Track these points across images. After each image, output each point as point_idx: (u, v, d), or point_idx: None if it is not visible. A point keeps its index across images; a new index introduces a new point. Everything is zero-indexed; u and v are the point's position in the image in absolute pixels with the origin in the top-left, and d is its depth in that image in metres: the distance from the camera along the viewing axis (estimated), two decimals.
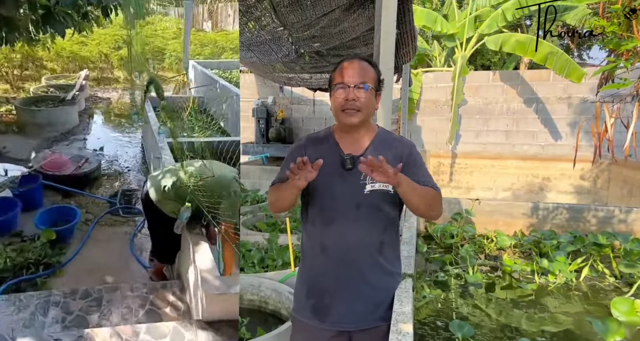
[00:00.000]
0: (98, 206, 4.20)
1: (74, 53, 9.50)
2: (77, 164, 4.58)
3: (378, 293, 1.50)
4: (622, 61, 2.01)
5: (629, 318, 2.50)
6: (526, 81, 7.59)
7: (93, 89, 8.69)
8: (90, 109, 7.22)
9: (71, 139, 5.67)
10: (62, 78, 8.43)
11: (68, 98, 6.00)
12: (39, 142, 5.30)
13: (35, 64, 8.79)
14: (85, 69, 9.06)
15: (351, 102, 1.40)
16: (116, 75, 10.41)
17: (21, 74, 8.27)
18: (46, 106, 6.09)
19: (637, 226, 3.92)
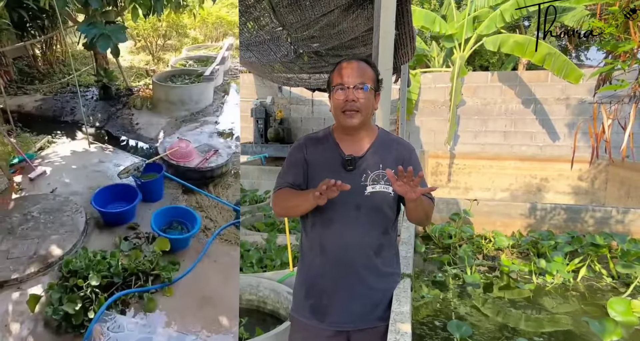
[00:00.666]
0: (220, 212, 3.36)
1: (220, 18, 8.38)
2: (204, 156, 3.94)
3: (376, 294, 1.50)
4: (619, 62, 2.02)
5: (625, 318, 2.51)
6: (524, 82, 7.62)
7: (234, 60, 7.41)
8: (228, 84, 6.34)
9: (201, 120, 5.01)
10: (203, 48, 7.66)
11: (206, 74, 5.34)
12: (168, 121, 4.89)
13: (179, 32, 7.93)
14: (230, 37, 7.99)
15: (351, 103, 1.40)
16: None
17: (163, 44, 7.57)
18: (182, 81, 5.54)
19: (634, 227, 3.93)
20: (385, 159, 1.46)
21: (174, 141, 4.04)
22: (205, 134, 4.53)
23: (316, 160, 1.49)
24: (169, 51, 7.65)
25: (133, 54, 7.28)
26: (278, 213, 1.55)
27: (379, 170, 1.44)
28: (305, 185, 1.50)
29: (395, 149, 1.50)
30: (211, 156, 3.92)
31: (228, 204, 3.44)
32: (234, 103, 5.89)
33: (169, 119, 4.90)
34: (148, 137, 4.51)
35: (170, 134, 4.50)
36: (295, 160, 1.52)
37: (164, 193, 3.46)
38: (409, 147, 1.55)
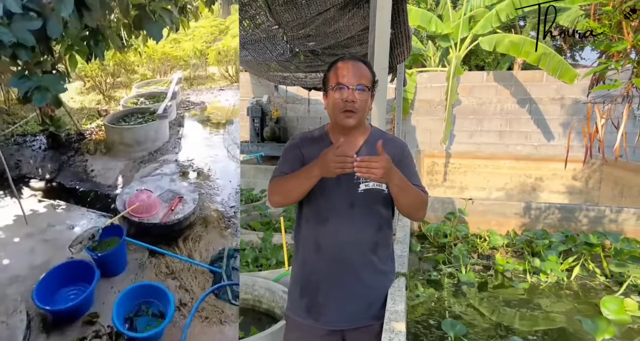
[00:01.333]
0: (196, 277, 2.74)
1: (166, 54, 8.38)
2: (169, 205, 3.39)
3: (371, 292, 1.51)
4: (612, 62, 2.04)
5: (618, 317, 2.53)
6: (520, 82, 7.65)
7: (185, 92, 7.54)
8: (182, 117, 6.18)
9: (161, 160, 4.60)
10: (153, 84, 7.58)
11: (159, 112, 5.13)
12: (126, 164, 4.47)
13: (127, 69, 7.90)
14: (178, 71, 8.07)
15: (350, 104, 1.40)
16: (210, 72, 8.94)
17: (113, 83, 7.49)
18: (135, 120, 5.32)
19: (627, 226, 3.97)
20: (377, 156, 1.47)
21: (133, 192, 3.50)
22: (167, 177, 4.05)
23: (311, 159, 1.49)
24: (119, 88, 7.52)
25: (83, 94, 7.11)
26: (275, 202, 1.49)
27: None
28: None
29: (388, 147, 1.50)
30: (176, 205, 3.42)
31: (203, 265, 2.80)
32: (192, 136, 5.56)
33: (126, 162, 4.50)
34: (105, 184, 4.06)
35: (130, 179, 4.09)
36: (293, 156, 1.52)
37: (127, 262, 2.86)
38: (401, 144, 1.55)
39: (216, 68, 8.58)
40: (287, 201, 1.47)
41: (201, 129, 5.87)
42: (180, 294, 2.60)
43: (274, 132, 8.48)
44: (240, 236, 3.94)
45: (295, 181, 1.40)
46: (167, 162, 4.51)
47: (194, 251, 3.00)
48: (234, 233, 3.35)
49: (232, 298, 2.64)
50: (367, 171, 1.25)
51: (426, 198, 1.47)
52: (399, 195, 1.38)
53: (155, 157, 4.68)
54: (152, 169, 4.31)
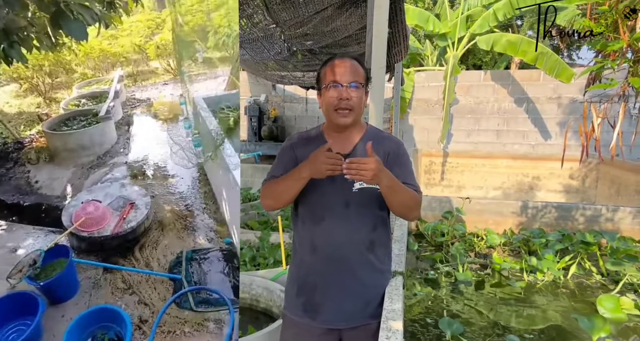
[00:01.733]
0: (155, 288, 2.55)
1: (104, 51, 8.01)
2: (120, 213, 3.16)
3: (368, 291, 1.51)
4: (609, 61, 2.04)
5: (614, 315, 2.54)
6: (517, 81, 7.67)
7: (129, 89, 7.07)
8: (129, 116, 5.73)
9: (110, 163, 4.28)
10: (95, 83, 7.20)
11: (102, 113, 4.76)
12: (74, 172, 4.05)
13: (65, 68, 7.38)
14: (118, 68, 7.61)
15: (345, 101, 1.40)
16: (152, 66, 8.61)
17: (52, 83, 6.96)
18: (78, 124, 4.91)
19: (623, 225, 3.98)
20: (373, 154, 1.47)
21: (79, 204, 3.20)
22: (117, 183, 3.68)
23: (305, 157, 1.49)
24: (60, 89, 7.12)
25: (20, 97, 6.57)
26: (267, 205, 1.50)
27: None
28: None
29: (384, 144, 1.50)
30: (128, 213, 3.15)
31: (161, 274, 2.59)
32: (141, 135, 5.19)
33: (73, 169, 4.16)
34: (53, 195, 3.68)
35: (79, 187, 3.78)
36: (286, 158, 1.52)
37: (79, 283, 2.58)
38: (397, 141, 1.55)
39: (158, 62, 8.44)
40: (278, 203, 1.48)
41: (150, 127, 5.59)
42: (140, 310, 2.35)
43: (272, 132, 8.47)
44: (240, 234, 3.93)
45: (285, 183, 1.41)
46: (117, 166, 4.28)
47: (151, 259, 2.79)
48: (191, 233, 3.16)
49: (195, 305, 2.41)
50: (356, 173, 1.26)
51: (419, 198, 1.45)
52: (390, 196, 1.38)
53: (105, 161, 4.43)
54: (101, 175, 4.07)
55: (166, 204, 3.61)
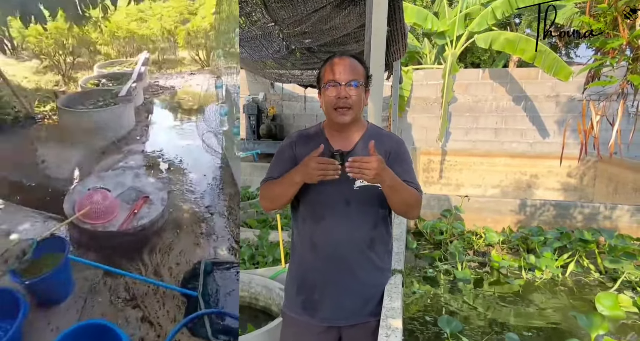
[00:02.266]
0: (164, 304, 2.11)
1: (131, 32, 7.55)
2: (131, 207, 2.73)
3: (367, 289, 1.51)
4: (608, 58, 2.05)
5: (612, 313, 2.55)
6: (515, 79, 7.68)
7: (153, 76, 6.75)
8: (150, 103, 5.39)
9: (125, 150, 3.86)
10: (117, 64, 6.86)
11: (122, 94, 4.42)
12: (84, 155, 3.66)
13: (89, 49, 6.94)
14: (144, 51, 7.20)
15: (343, 100, 1.40)
16: (180, 56, 8.18)
17: (73, 62, 6.54)
18: (95, 104, 4.55)
19: (621, 223, 4.00)
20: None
21: (84, 192, 2.78)
22: (131, 172, 3.29)
23: (305, 155, 1.48)
24: (81, 70, 6.63)
25: (39, 74, 6.23)
26: (265, 207, 1.53)
27: None
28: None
29: (384, 143, 1.50)
30: (140, 207, 2.71)
31: (175, 288, 2.13)
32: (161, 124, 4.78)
33: (84, 152, 3.69)
34: (60, 178, 3.29)
35: (88, 173, 3.35)
36: (284, 157, 1.52)
37: (73, 284, 2.14)
38: (397, 140, 1.55)
39: (186, 52, 7.92)
40: (276, 205, 1.50)
41: (171, 116, 5.27)
42: (143, 330, 1.91)
43: (270, 130, 8.47)
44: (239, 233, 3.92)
45: (280, 187, 1.43)
46: (132, 154, 3.80)
47: (162, 266, 2.30)
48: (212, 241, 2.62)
49: (213, 334, 1.91)
50: (359, 172, 1.28)
51: (420, 197, 1.46)
52: (392, 195, 1.39)
53: (119, 148, 3.94)
54: (114, 161, 3.61)
55: (184, 203, 3.12)
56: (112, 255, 2.43)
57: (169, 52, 8.21)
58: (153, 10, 7.78)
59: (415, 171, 1.58)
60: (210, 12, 6.74)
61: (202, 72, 7.43)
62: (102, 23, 4.68)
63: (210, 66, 6.70)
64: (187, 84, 6.62)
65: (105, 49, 7.51)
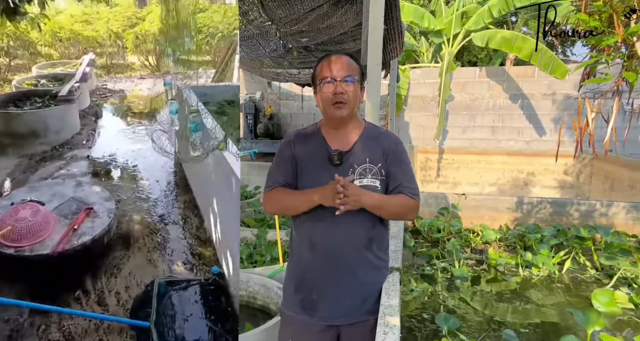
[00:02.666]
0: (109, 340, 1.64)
1: (75, 33, 6.92)
2: (70, 222, 2.25)
3: (366, 287, 1.51)
4: (603, 56, 2.06)
5: (608, 309, 2.57)
6: (512, 78, 7.70)
7: (101, 80, 6.25)
8: (97, 106, 4.89)
9: (67, 156, 3.48)
10: (60, 65, 6.19)
11: (62, 93, 3.94)
12: (18, 163, 3.19)
13: (29, 51, 6.35)
14: (90, 52, 6.59)
15: (340, 95, 1.41)
16: (129, 61, 7.81)
17: (9, 64, 6.02)
18: (31, 105, 4.02)
19: (617, 220, 4.02)
20: (372, 153, 1.47)
21: (8, 207, 2.26)
22: (72, 181, 2.76)
23: (304, 156, 1.49)
24: (20, 71, 6.13)
25: None
26: (270, 212, 1.57)
27: (366, 164, 1.45)
28: (295, 182, 1.49)
29: (382, 142, 1.50)
30: (81, 222, 2.20)
31: (121, 320, 1.75)
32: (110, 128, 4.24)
33: (18, 160, 3.31)
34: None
35: (22, 183, 2.94)
36: (284, 158, 1.52)
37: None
38: (395, 139, 1.55)
39: (136, 57, 7.74)
40: (282, 213, 1.55)
41: (121, 120, 4.87)
42: None
43: (268, 129, 8.46)
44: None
45: (295, 201, 1.45)
46: (75, 160, 3.41)
47: (108, 293, 1.89)
48: (166, 255, 2.18)
49: None
50: (342, 202, 1.33)
51: (413, 203, 1.46)
52: (379, 212, 1.44)
53: (61, 153, 3.54)
54: (54, 169, 3.18)
55: (134, 212, 2.73)
56: (43, 286, 1.93)
57: (117, 56, 8.05)
58: (99, 14, 7.46)
59: (413, 169, 1.58)
60: (158, 18, 6.58)
61: (152, 76, 7.18)
62: (41, 20, 4.08)
63: (161, 70, 6.52)
64: (137, 88, 6.39)
65: (47, 50, 7.06)
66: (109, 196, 2.64)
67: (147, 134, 4.13)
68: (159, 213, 2.87)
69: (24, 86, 4.89)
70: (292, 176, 1.50)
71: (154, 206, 2.99)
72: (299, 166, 1.49)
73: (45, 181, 2.84)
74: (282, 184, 1.49)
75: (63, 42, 7.19)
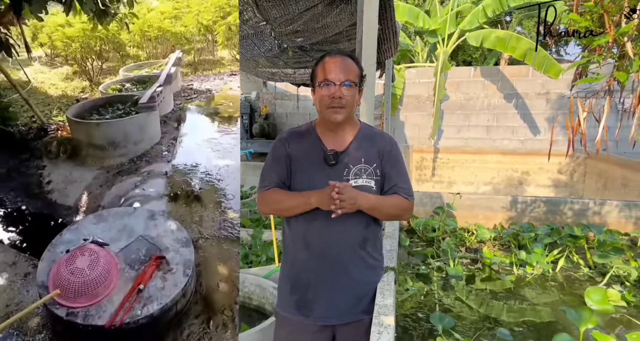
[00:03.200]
0: None
1: (164, 30, 6.51)
2: (135, 274, 1.77)
3: (361, 287, 1.52)
4: (595, 55, 2.07)
5: (601, 307, 2.59)
6: (506, 77, 7.74)
7: (187, 79, 5.74)
8: (181, 109, 4.34)
9: (144, 171, 3.05)
10: (146, 66, 5.84)
11: (143, 101, 3.63)
12: (96, 176, 3.00)
13: (119, 52, 6.18)
14: (177, 50, 6.15)
15: (337, 100, 1.40)
16: (219, 56, 7.08)
17: (101, 66, 5.87)
18: (112, 113, 3.73)
19: (610, 218, 4.05)
20: (367, 153, 1.47)
21: (74, 241, 1.86)
22: (144, 210, 2.21)
23: (299, 155, 1.48)
24: (111, 74, 5.96)
25: (68, 81, 5.65)
26: (265, 213, 1.56)
27: (361, 164, 1.45)
28: (289, 181, 1.49)
29: (377, 143, 1.51)
30: (149, 277, 1.68)
31: None
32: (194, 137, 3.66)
33: (97, 172, 3.04)
34: (64, 204, 2.66)
35: (98, 199, 2.57)
36: (278, 156, 1.51)
37: None
38: (390, 140, 1.56)
39: (227, 51, 6.91)
40: (278, 214, 1.55)
41: (207, 126, 4.12)
42: None
43: (263, 129, 8.46)
44: None
45: (292, 202, 1.44)
46: (152, 177, 2.81)
47: None
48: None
49: None
50: (338, 207, 1.35)
51: (408, 204, 1.48)
52: (374, 214, 1.45)
53: (138, 167, 3.05)
54: (130, 186, 2.63)
55: (219, 258, 1.96)
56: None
57: (206, 51, 7.25)
58: (190, 7, 6.89)
59: (407, 169, 1.59)
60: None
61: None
62: (129, 20, 3.90)
63: None
64: (226, 87, 5.51)
65: (135, 50, 6.68)
66: (186, 239, 1.92)
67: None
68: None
69: (109, 92, 4.51)
70: (287, 175, 1.49)
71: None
72: (294, 164, 1.49)
73: (114, 210, 2.26)
74: (277, 183, 1.48)
75: (151, 41, 6.68)
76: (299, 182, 1.47)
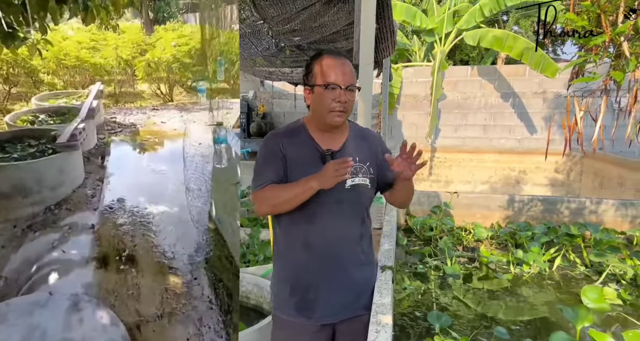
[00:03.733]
0: None
1: (82, 60, 6.31)
2: None
3: (359, 284, 1.52)
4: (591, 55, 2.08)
5: (597, 305, 2.60)
6: (503, 76, 7.76)
7: (109, 111, 5.44)
8: (105, 144, 3.91)
9: (65, 225, 2.42)
10: (64, 96, 5.35)
11: (62, 140, 3.06)
12: (2, 230, 2.41)
13: (32, 78, 5.73)
14: (97, 82, 5.94)
15: (342, 104, 1.39)
16: (139, 89, 7.11)
17: (9, 91, 5.33)
18: (23, 151, 3.12)
19: (606, 217, 4.07)
20: (361, 151, 1.48)
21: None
22: (63, 298, 1.64)
23: (293, 155, 1.45)
24: (20, 101, 5.44)
25: None
26: (264, 212, 1.50)
27: (356, 163, 1.45)
28: (286, 180, 1.45)
29: (370, 141, 1.53)
30: None
31: None
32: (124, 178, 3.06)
33: (2, 226, 2.36)
34: None
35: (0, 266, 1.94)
36: (273, 154, 1.46)
37: None
38: (377, 136, 1.63)
39: (146, 85, 6.93)
40: (277, 211, 1.45)
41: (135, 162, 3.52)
42: None
43: (261, 128, 8.44)
44: None
45: (291, 192, 1.37)
46: (76, 231, 2.25)
47: None
48: None
49: None
50: (407, 167, 1.36)
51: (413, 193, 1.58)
52: (406, 189, 1.50)
53: (57, 217, 2.41)
54: (44, 246, 2.03)
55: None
56: None
57: (126, 84, 7.10)
58: (107, 40, 6.85)
59: None
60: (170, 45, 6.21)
61: (166, 107, 6.44)
62: (43, 46, 3.38)
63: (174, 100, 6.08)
64: (150, 121, 5.28)
65: (50, 78, 6.22)
66: (123, 335, 1.48)
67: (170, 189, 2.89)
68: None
69: (18, 124, 3.83)
70: (284, 173, 1.44)
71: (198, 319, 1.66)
72: (289, 165, 1.45)
73: (17, 301, 1.55)
74: (273, 181, 1.43)
75: (69, 70, 6.41)
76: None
